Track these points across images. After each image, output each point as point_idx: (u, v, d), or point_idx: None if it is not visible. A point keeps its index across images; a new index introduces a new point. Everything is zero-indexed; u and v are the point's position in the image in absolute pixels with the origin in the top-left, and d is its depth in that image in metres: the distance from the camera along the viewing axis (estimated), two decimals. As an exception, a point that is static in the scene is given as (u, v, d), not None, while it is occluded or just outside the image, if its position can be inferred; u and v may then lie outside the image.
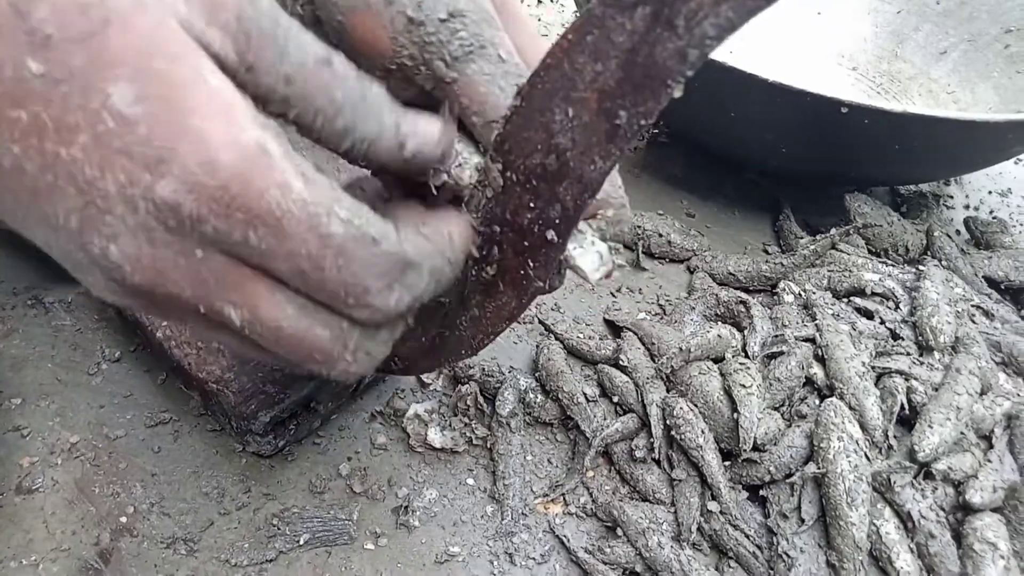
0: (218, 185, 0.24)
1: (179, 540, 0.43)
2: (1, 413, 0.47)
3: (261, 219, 0.25)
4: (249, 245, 0.26)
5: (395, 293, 0.28)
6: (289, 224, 0.25)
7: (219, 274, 0.27)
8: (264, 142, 0.25)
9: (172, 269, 0.26)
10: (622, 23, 0.25)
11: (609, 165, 0.28)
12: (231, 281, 0.27)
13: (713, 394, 0.49)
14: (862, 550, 0.44)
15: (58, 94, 0.24)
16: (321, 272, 0.27)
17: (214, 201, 0.24)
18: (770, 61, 0.88)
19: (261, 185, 0.25)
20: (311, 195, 0.26)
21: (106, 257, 0.26)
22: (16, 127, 0.24)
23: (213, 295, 0.27)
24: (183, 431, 0.48)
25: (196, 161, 0.24)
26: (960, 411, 0.48)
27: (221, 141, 0.24)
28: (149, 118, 0.24)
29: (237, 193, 0.25)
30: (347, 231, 0.27)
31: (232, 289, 0.27)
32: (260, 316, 0.28)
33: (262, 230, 0.25)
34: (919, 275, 0.60)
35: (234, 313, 0.27)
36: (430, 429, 0.50)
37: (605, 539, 0.46)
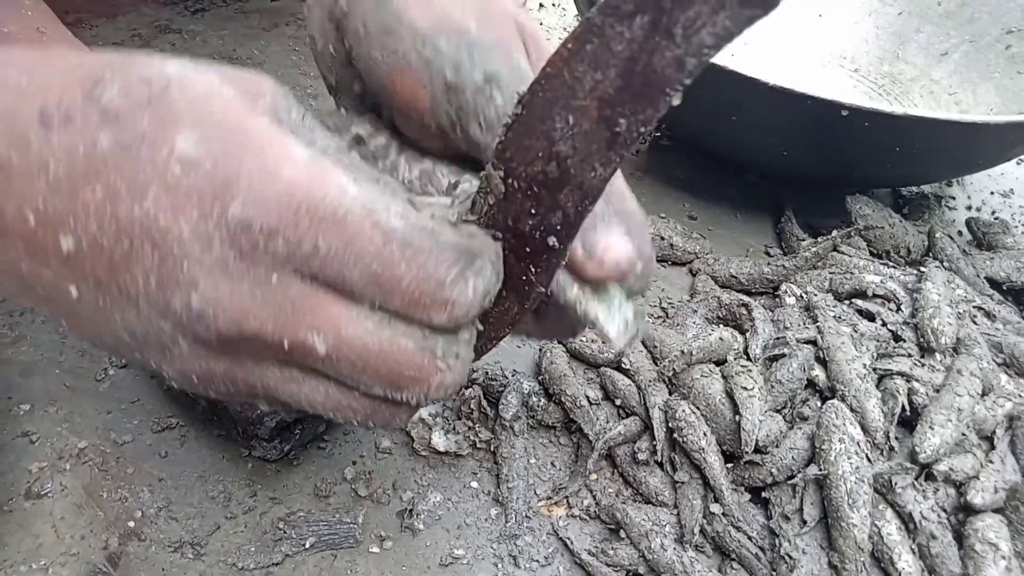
0: (283, 191, 0.25)
1: (186, 544, 0.44)
2: (10, 419, 0.48)
3: (327, 220, 0.26)
4: (320, 255, 0.26)
5: (470, 281, 0.28)
6: (352, 222, 0.26)
7: (296, 300, 0.27)
8: (317, 157, 0.26)
9: (252, 302, 0.27)
10: (621, 32, 0.25)
11: (609, 172, 0.28)
12: (309, 306, 0.27)
13: (715, 396, 0.49)
14: (864, 551, 0.44)
15: (128, 158, 0.25)
16: (392, 270, 0.27)
17: (282, 208, 0.25)
18: (772, 63, 0.88)
19: (321, 188, 0.26)
20: (368, 195, 0.27)
21: (189, 308, 0.26)
22: (92, 202, 0.25)
23: (294, 323, 0.27)
24: (190, 436, 0.49)
25: (260, 176, 0.25)
26: (961, 412, 0.48)
27: (280, 157, 0.26)
28: (212, 155, 0.25)
29: (301, 198, 0.26)
30: (407, 225, 0.27)
31: (311, 313, 0.27)
32: (344, 337, 0.28)
33: (329, 233, 0.26)
34: (920, 276, 0.60)
35: (318, 339, 0.28)
36: (434, 433, 0.50)
37: (608, 541, 0.47)
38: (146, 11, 0.85)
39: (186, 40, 0.83)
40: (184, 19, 0.86)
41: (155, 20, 0.85)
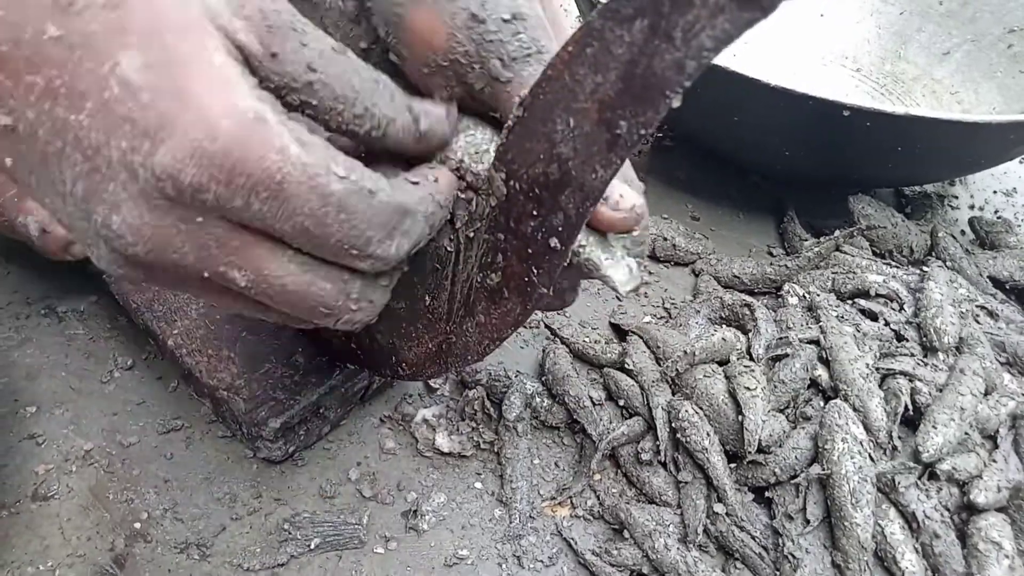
0: (218, 151, 0.25)
1: (192, 545, 0.44)
2: (16, 421, 0.48)
3: (263, 183, 0.26)
4: (251, 210, 0.26)
5: (395, 240, 0.30)
6: (290, 186, 0.26)
7: (221, 240, 0.27)
8: (261, 111, 0.26)
9: (174, 237, 0.27)
10: (621, 35, 0.25)
11: (610, 174, 0.28)
12: (234, 246, 0.28)
13: (718, 397, 0.49)
14: (867, 550, 0.44)
15: (72, 59, 0.25)
16: (324, 228, 0.28)
17: (214, 167, 0.25)
18: (773, 64, 0.88)
19: (260, 150, 0.26)
20: (309, 157, 0.27)
21: (108, 227, 0.26)
22: (32, 92, 0.25)
23: (216, 260, 0.28)
24: (195, 438, 0.49)
25: (196, 128, 0.25)
26: (964, 411, 0.48)
27: (220, 110, 0.25)
28: (152, 86, 0.25)
29: (238, 159, 0.25)
30: (345, 187, 0.28)
31: (235, 253, 0.28)
32: (265, 277, 0.29)
33: (264, 194, 0.26)
34: (923, 276, 0.60)
35: (239, 275, 0.29)
36: (438, 434, 0.50)
37: (612, 541, 0.47)
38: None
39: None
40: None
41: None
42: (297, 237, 0.28)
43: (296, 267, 0.29)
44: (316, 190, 0.27)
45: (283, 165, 0.26)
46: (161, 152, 0.25)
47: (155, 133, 0.25)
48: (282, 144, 0.26)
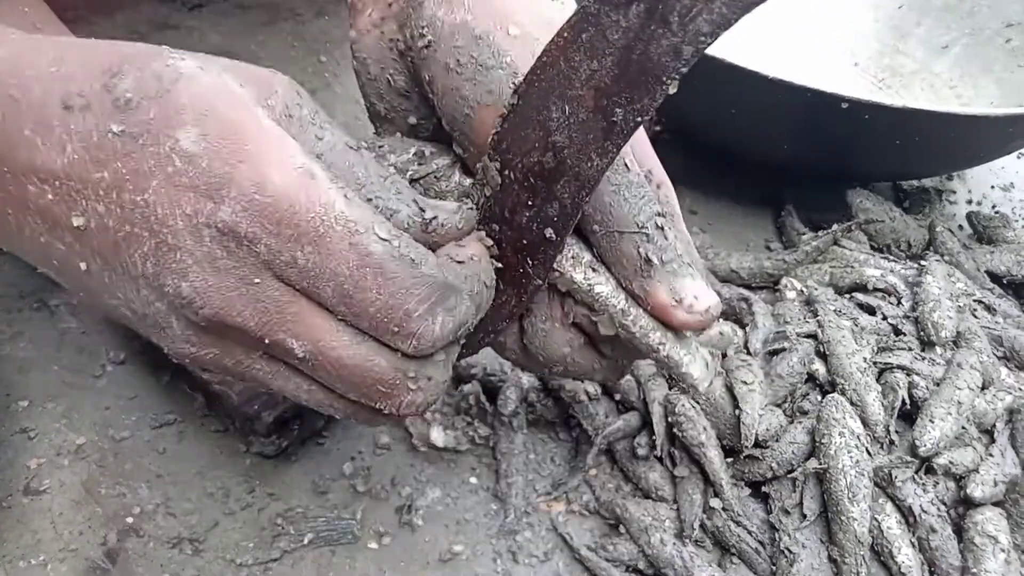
0: (269, 203, 0.27)
1: (185, 540, 0.44)
2: (8, 415, 0.48)
3: (307, 235, 0.27)
4: (297, 264, 0.28)
5: (438, 317, 0.29)
6: (331, 240, 0.27)
7: (279, 303, 0.28)
8: (311, 167, 0.27)
9: (236, 298, 0.28)
10: (617, 20, 0.25)
11: (606, 162, 0.28)
12: (291, 312, 0.29)
13: (715, 391, 0.49)
14: (864, 545, 0.44)
15: (135, 147, 0.27)
16: (363, 292, 0.28)
17: (265, 218, 0.27)
18: (771, 57, 0.88)
19: (307, 203, 0.27)
20: (352, 214, 0.28)
21: (179, 294, 0.28)
22: (100, 186, 0.27)
23: (275, 325, 0.29)
24: (188, 432, 0.49)
25: (250, 183, 0.27)
26: (961, 406, 0.48)
27: (273, 165, 0.27)
28: (210, 152, 0.27)
29: (286, 210, 0.27)
30: (386, 250, 0.28)
31: (292, 319, 0.29)
32: (320, 346, 0.29)
33: (307, 247, 0.27)
34: (921, 270, 0.60)
35: (296, 344, 0.29)
36: (433, 429, 0.50)
37: (608, 537, 0.46)
38: (144, 8, 0.85)
39: (184, 36, 0.83)
40: (182, 15, 0.85)
41: (153, 17, 0.84)
42: (339, 301, 0.28)
43: (350, 338, 0.29)
44: (356, 248, 0.27)
45: (326, 218, 0.27)
46: (222, 210, 0.27)
47: (215, 193, 0.27)
48: (328, 199, 0.27)
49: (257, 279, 0.28)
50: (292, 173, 0.27)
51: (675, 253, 0.32)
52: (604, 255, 0.33)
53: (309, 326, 0.29)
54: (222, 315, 0.28)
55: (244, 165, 0.27)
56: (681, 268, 0.32)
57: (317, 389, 0.32)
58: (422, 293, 0.29)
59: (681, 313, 0.32)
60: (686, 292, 0.32)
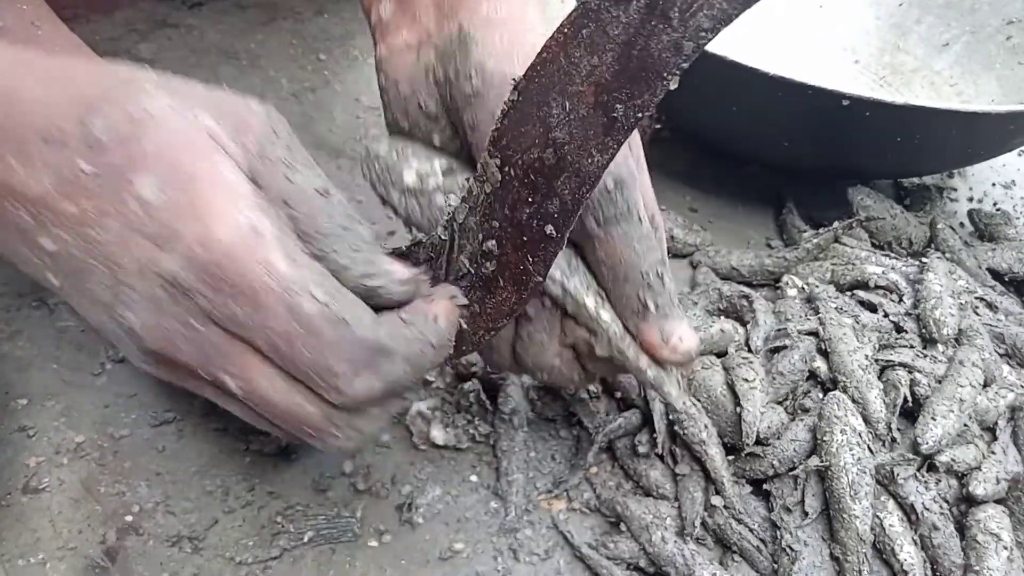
0: (211, 260, 0.28)
1: (184, 538, 0.44)
2: (7, 414, 0.48)
3: (244, 293, 0.28)
4: (235, 317, 0.29)
5: (362, 379, 0.30)
6: (267, 298, 0.29)
7: (216, 345, 0.30)
8: (258, 224, 0.29)
9: (177, 337, 0.30)
10: (617, 16, 0.25)
11: (607, 158, 0.28)
12: (227, 352, 0.30)
13: (716, 389, 0.49)
14: (866, 543, 0.44)
15: (98, 186, 0.28)
16: (292, 348, 0.29)
17: (206, 274, 0.28)
18: (772, 54, 0.88)
19: (247, 261, 0.28)
20: (292, 274, 0.29)
21: (127, 326, 0.30)
22: (68, 218, 0.29)
23: (213, 364, 0.30)
24: (187, 430, 0.49)
25: (196, 239, 0.28)
26: (963, 403, 0.48)
27: (220, 220, 0.28)
28: (167, 204, 0.28)
29: (226, 267, 0.28)
30: (320, 311, 0.29)
31: (228, 360, 0.30)
32: (253, 388, 0.31)
33: (243, 302, 0.29)
34: (922, 268, 0.60)
35: (231, 382, 0.31)
36: (433, 426, 0.50)
37: (609, 535, 0.46)
38: (143, 6, 0.85)
39: (183, 35, 0.82)
40: (181, 14, 0.85)
41: (152, 15, 0.84)
42: (272, 353, 0.30)
43: (282, 383, 0.31)
44: (289, 307, 0.29)
45: (263, 277, 0.28)
46: (166, 259, 0.28)
47: (164, 244, 0.28)
48: (268, 258, 0.28)
49: (197, 324, 0.29)
50: (237, 229, 0.28)
51: (668, 299, 0.37)
52: (608, 291, 0.37)
53: (244, 368, 0.30)
54: (164, 350, 0.30)
55: (194, 221, 0.28)
56: (672, 312, 0.37)
57: (258, 419, 0.34)
58: (350, 355, 0.30)
59: (666, 352, 0.37)
60: (673, 334, 0.37)
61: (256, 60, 0.81)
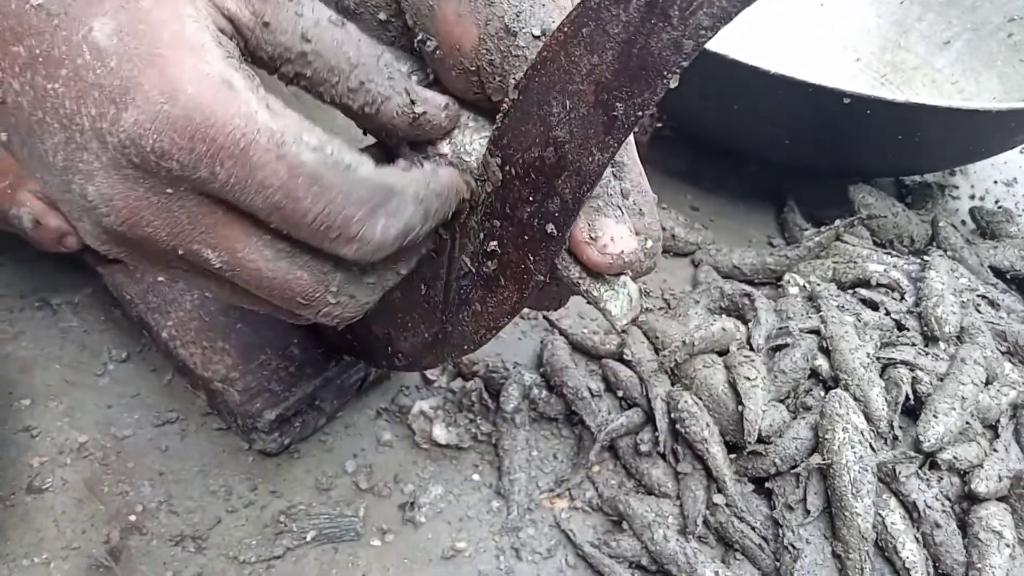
0: (180, 115, 0.25)
1: (187, 538, 0.44)
2: (11, 414, 0.48)
3: (226, 150, 0.25)
4: (218, 181, 0.26)
5: (380, 220, 0.27)
6: (255, 153, 0.25)
7: (193, 216, 0.27)
8: (229, 77, 0.25)
9: (145, 210, 0.26)
10: (617, 14, 0.25)
11: (607, 157, 0.28)
12: (206, 223, 0.27)
13: (718, 387, 0.49)
14: (868, 540, 0.44)
15: (51, 27, 0.25)
16: (297, 203, 0.26)
17: (176, 132, 0.25)
18: (773, 52, 0.88)
19: (224, 115, 0.25)
20: (277, 124, 0.26)
21: (85, 197, 0.26)
22: (16, 62, 0.25)
23: (189, 237, 0.27)
24: (190, 430, 0.49)
25: (159, 91, 0.24)
26: (965, 401, 0.48)
27: (185, 74, 0.25)
28: (121, 51, 0.24)
29: (200, 123, 0.25)
30: (318, 158, 0.26)
31: (209, 231, 0.27)
32: (238, 259, 0.28)
33: (228, 162, 0.25)
34: (924, 265, 0.60)
35: (212, 255, 0.28)
36: (435, 426, 0.50)
37: (611, 533, 0.46)
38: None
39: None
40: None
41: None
42: (271, 214, 0.26)
43: (271, 253, 0.28)
44: (285, 159, 0.26)
45: (247, 131, 0.25)
46: (124, 117, 0.24)
47: (120, 98, 0.24)
48: (248, 110, 0.25)
49: (169, 189, 0.26)
50: (207, 83, 0.25)
51: (605, 191, 0.30)
52: None
53: (226, 237, 0.27)
54: (130, 224, 0.26)
55: (154, 71, 0.24)
56: (606, 207, 0.30)
57: (241, 293, 0.30)
58: (361, 196, 0.27)
59: (593, 252, 0.30)
60: (604, 231, 0.30)
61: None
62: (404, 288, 0.37)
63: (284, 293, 0.29)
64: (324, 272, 0.29)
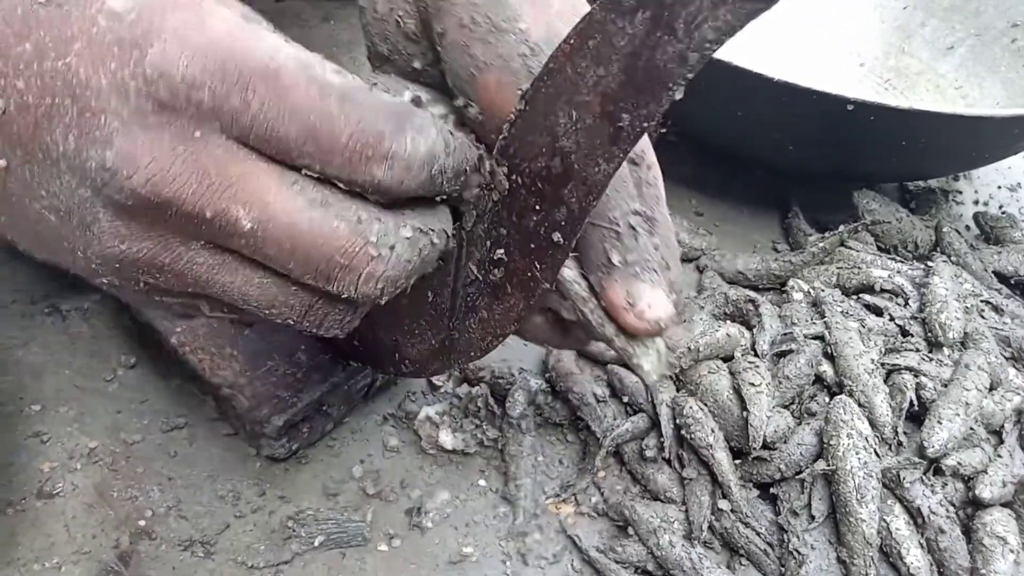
0: (209, 41, 0.25)
1: (196, 543, 0.44)
2: (21, 420, 0.48)
3: (259, 73, 0.25)
4: (250, 108, 0.25)
5: (408, 133, 0.27)
6: (287, 76, 0.25)
7: (221, 163, 0.26)
8: (249, 15, 0.26)
9: (171, 158, 0.26)
10: (623, 27, 0.25)
11: (613, 167, 0.28)
12: (236, 173, 0.26)
13: (723, 393, 0.49)
14: (872, 546, 0.44)
15: (60, 14, 0.25)
16: (331, 123, 0.26)
17: (206, 58, 0.25)
18: (777, 58, 0.88)
19: (252, 42, 0.25)
20: (302, 54, 0.26)
21: (103, 165, 0.25)
22: (21, 59, 0.25)
23: (217, 191, 0.26)
24: (198, 436, 0.49)
25: (184, 25, 0.25)
26: (969, 406, 0.48)
27: (209, 12, 0.25)
28: (140, 7, 0.25)
29: (229, 49, 0.25)
30: (345, 81, 0.27)
31: (237, 182, 0.26)
32: (271, 211, 0.27)
33: (260, 87, 0.25)
34: (928, 271, 0.60)
35: (242, 212, 0.27)
36: (442, 431, 0.50)
37: (617, 538, 0.47)
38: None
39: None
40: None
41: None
42: (305, 142, 0.26)
43: (305, 202, 0.27)
44: (315, 80, 0.26)
45: (275, 55, 0.25)
46: (151, 53, 0.24)
47: (143, 40, 0.24)
48: (274, 40, 0.26)
49: (197, 132, 0.25)
50: (232, 18, 0.25)
51: (641, 255, 0.32)
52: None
53: (257, 189, 0.27)
54: (154, 183, 0.26)
55: (176, 13, 0.25)
56: (643, 272, 0.32)
57: (269, 281, 0.29)
58: (388, 112, 0.27)
59: (631, 317, 0.32)
60: (641, 298, 0.31)
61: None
62: (412, 295, 0.37)
63: (322, 251, 0.28)
64: (360, 221, 0.28)
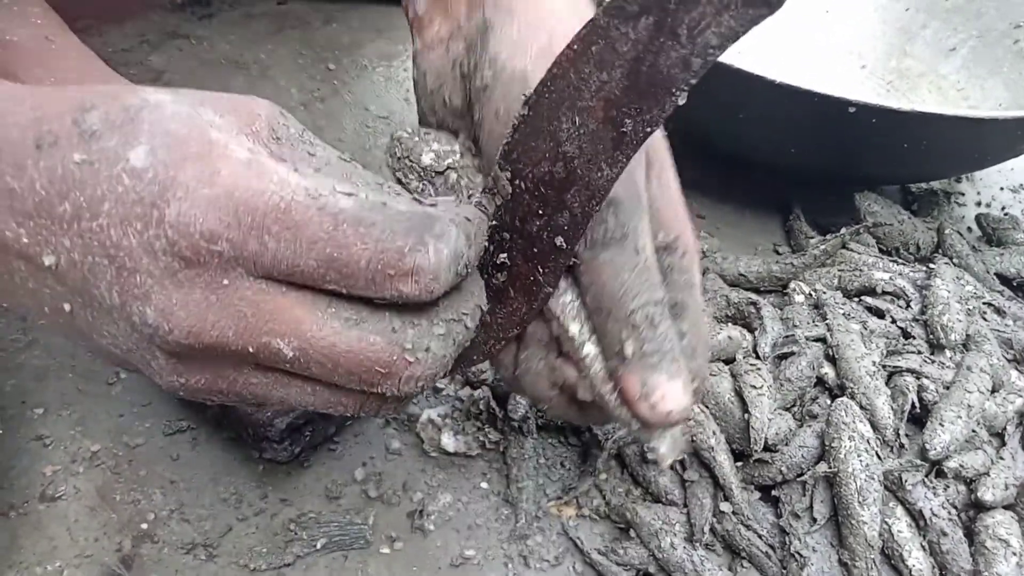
0: (220, 193, 0.26)
1: (199, 546, 0.44)
2: (24, 423, 0.48)
3: (270, 215, 0.26)
4: (268, 250, 0.26)
5: (430, 245, 0.27)
6: (297, 211, 0.26)
7: (254, 304, 0.27)
8: (256, 155, 0.27)
9: (206, 309, 0.27)
10: (626, 33, 0.25)
11: (616, 172, 0.28)
12: (269, 310, 0.27)
13: (724, 395, 0.49)
14: (874, 548, 0.44)
15: (90, 174, 0.26)
16: (348, 250, 0.26)
17: (219, 210, 0.26)
18: (779, 60, 0.88)
19: (260, 184, 0.26)
20: (309, 182, 0.27)
21: (145, 322, 0.27)
22: (64, 219, 0.26)
23: (255, 329, 0.27)
24: (200, 439, 0.49)
25: (195, 180, 0.26)
26: (971, 409, 0.48)
27: (217, 161, 0.26)
28: (156, 164, 0.26)
29: (239, 197, 0.26)
30: (355, 202, 0.27)
31: (271, 318, 0.27)
32: (308, 340, 0.28)
33: (274, 227, 0.26)
34: (930, 273, 0.60)
35: (282, 344, 0.28)
36: (444, 434, 0.50)
37: (618, 541, 0.47)
38: (154, 17, 0.86)
39: (193, 46, 0.83)
40: (191, 24, 0.86)
41: (163, 26, 0.85)
42: (327, 271, 0.27)
43: (340, 324, 0.28)
44: (325, 210, 0.26)
45: (284, 193, 0.26)
46: (168, 212, 0.25)
47: (161, 199, 0.26)
48: (280, 176, 0.26)
49: (225, 280, 0.26)
50: (238, 163, 0.26)
51: (660, 345, 0.31)
52: (593, 324, 0.33)
53: (291, 320, 0.27)
54: (195, 333, 0.27)
55: (188, 164, 0.26)
56: (661, 363, 0.31)
57: (321, 388, 0.30)
58: (405, 226, 0.27)
59: (644, 408, 0.32)
60: (656, 389, 0.31)
61: (266, 70, 0.81)
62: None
63: (362, 364, 0.28)
64: (394, 330, 0.29)
